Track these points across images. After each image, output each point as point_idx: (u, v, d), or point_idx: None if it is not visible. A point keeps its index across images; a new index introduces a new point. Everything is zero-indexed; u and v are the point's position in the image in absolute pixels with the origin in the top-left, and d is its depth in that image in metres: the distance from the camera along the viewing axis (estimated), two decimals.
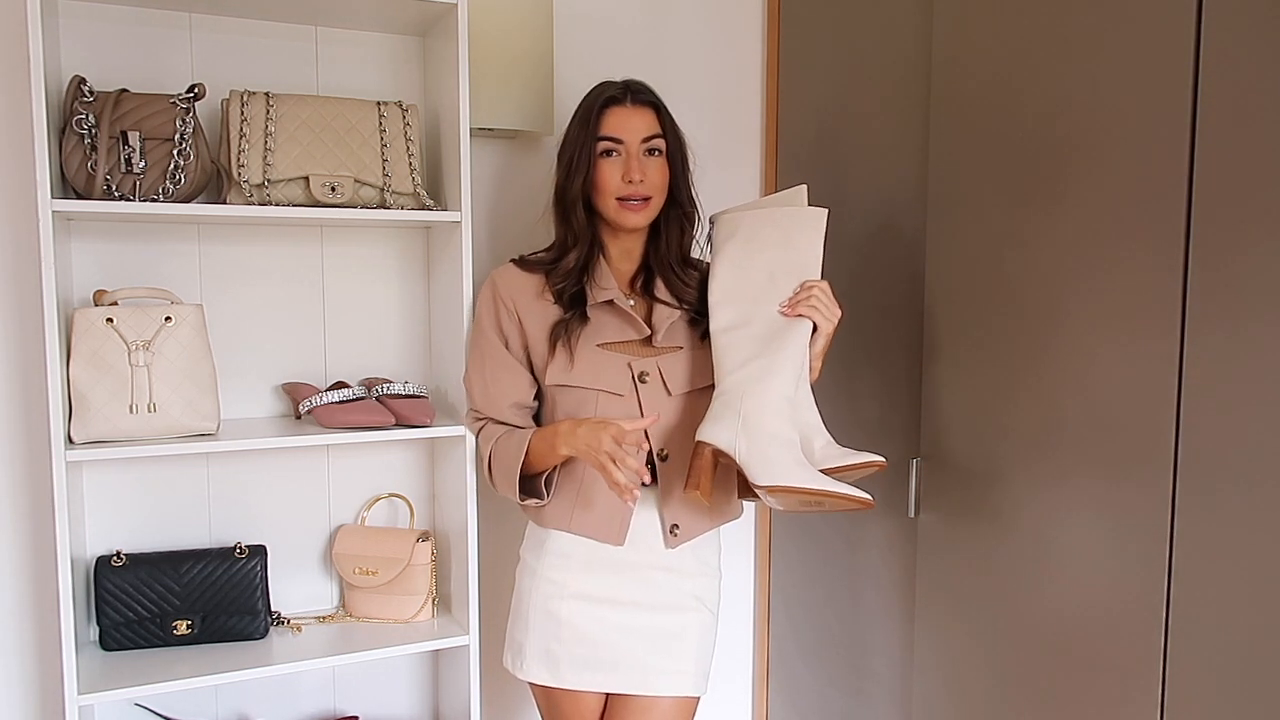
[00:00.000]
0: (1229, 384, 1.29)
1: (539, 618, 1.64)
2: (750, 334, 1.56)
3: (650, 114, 1.60)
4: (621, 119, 1.58)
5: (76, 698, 1.56)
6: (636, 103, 1.59)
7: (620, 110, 1.59)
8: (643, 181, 1.58)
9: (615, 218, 1.60)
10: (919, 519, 1.83)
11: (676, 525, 1.63)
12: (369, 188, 1.75)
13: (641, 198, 1.59)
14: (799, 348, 1.54)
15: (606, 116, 1.58)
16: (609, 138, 1.58)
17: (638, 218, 1.60)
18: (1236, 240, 1.27)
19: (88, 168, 1.58)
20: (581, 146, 1.59)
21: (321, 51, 1.89)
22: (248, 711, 1.93)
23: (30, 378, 1.74)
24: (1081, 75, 1.47)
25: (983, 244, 1.66)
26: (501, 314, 1.64)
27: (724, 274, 1.60)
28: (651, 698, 1.63)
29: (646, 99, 1.61)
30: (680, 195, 1.64)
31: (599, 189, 1.59)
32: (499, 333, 1.64)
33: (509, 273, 1.66)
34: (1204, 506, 1.33)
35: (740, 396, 1.52)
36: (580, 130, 1.60)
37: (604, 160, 1.58)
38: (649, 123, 1.59)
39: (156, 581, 1.72)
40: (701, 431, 1.53)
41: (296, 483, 1.94)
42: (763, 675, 2.37)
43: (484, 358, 1.65)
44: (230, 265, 1.85)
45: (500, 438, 1.63)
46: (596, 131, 1.58)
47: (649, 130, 1.59)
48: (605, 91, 1.60)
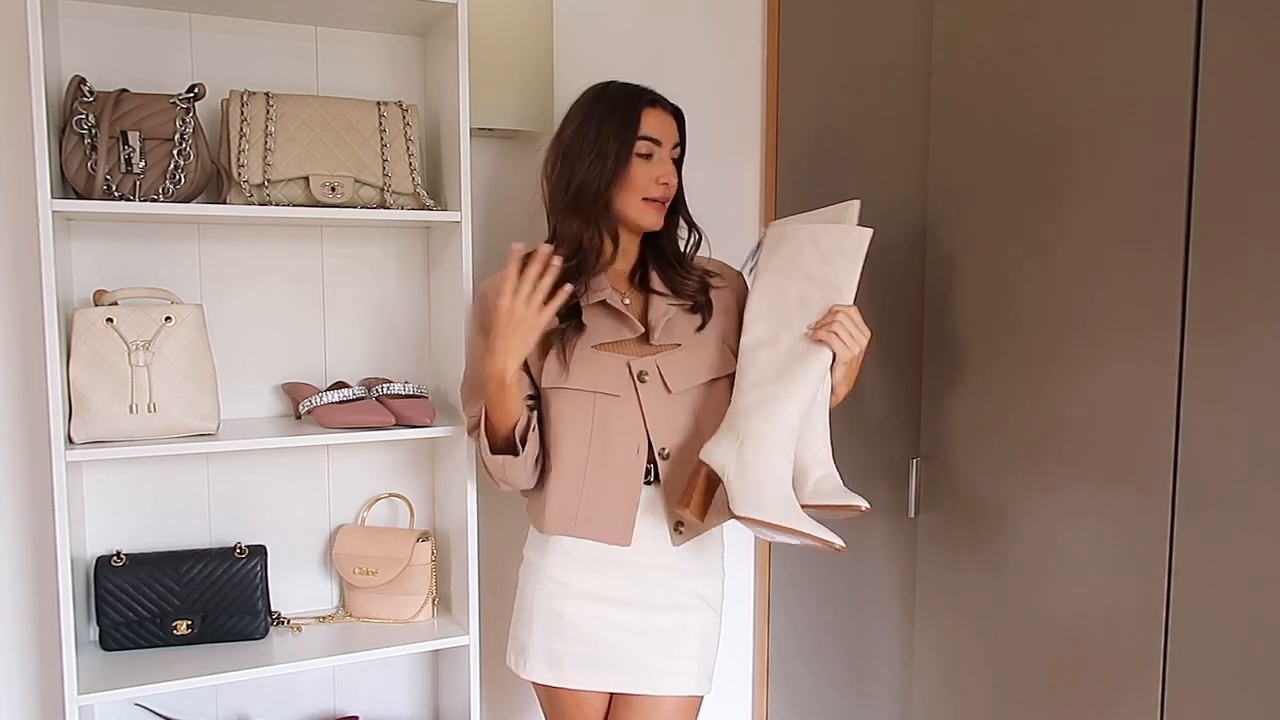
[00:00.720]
0: (1229, 386, 1.29)
1: (542, 617, 1.64)
2: (774, 354, 1.56)
3: (675, 120, 1.65)
4: (660, 121, 1.61)
5: (76, 698, 1.56)
6: (666, 108, 1.63)
7: (659, 113, 1.62)
8: (669, 184, 1.62)
9: (637, 216, 1.62)
10: (919, 519, 1.83)
11: (681, 522, 1.63)
12: (369, 188, 1.75)
13: (666, 199, 1.63)
14: (814, 376, 1.53)
15: (648, 117, 1.60)
16: (651, 138, 1.60)
17: (660, 218, 1.63)
18: (1237, 242, 1.27)
19: (88, 168, 1.58)
20: (622, 143, 1.58)
21: (321, 51, 1.89)
22: (248, 711, 1.94)
23: (30, 378, 1.74)
24: (1082, 75, 1.47)
25: (983, 243, 1.66)
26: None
27: (763, 288, 1.60)
28: (655, 697, 1.63)
29: (672, 106, 1.65)
30: (681, 201, 1.69)
31: (629, 186, 1.60)
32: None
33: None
34: (1204, 508, 1.33)
35: (745, 418, 1.52)
36: (618, 127, 1.59)
37: (641, 160, 1.60)
38: (676, 128, 1.64)
39: (156, 581, 1.72)
40: (704, 449, 1.55)
41: (296, 483, 1.94)
42: (763, 675, 2.37)
43: (479, 369, 1.65)
44: (230, 265, 1.85)
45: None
46: (639, 131, 1.59)
47: (678, 136, 1.64)
48: (639, 93, 1.61)
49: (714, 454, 1.53)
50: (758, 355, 1.57)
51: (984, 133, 1.65)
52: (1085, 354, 1.48)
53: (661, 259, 1.67)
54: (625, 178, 1.59)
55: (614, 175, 1.58)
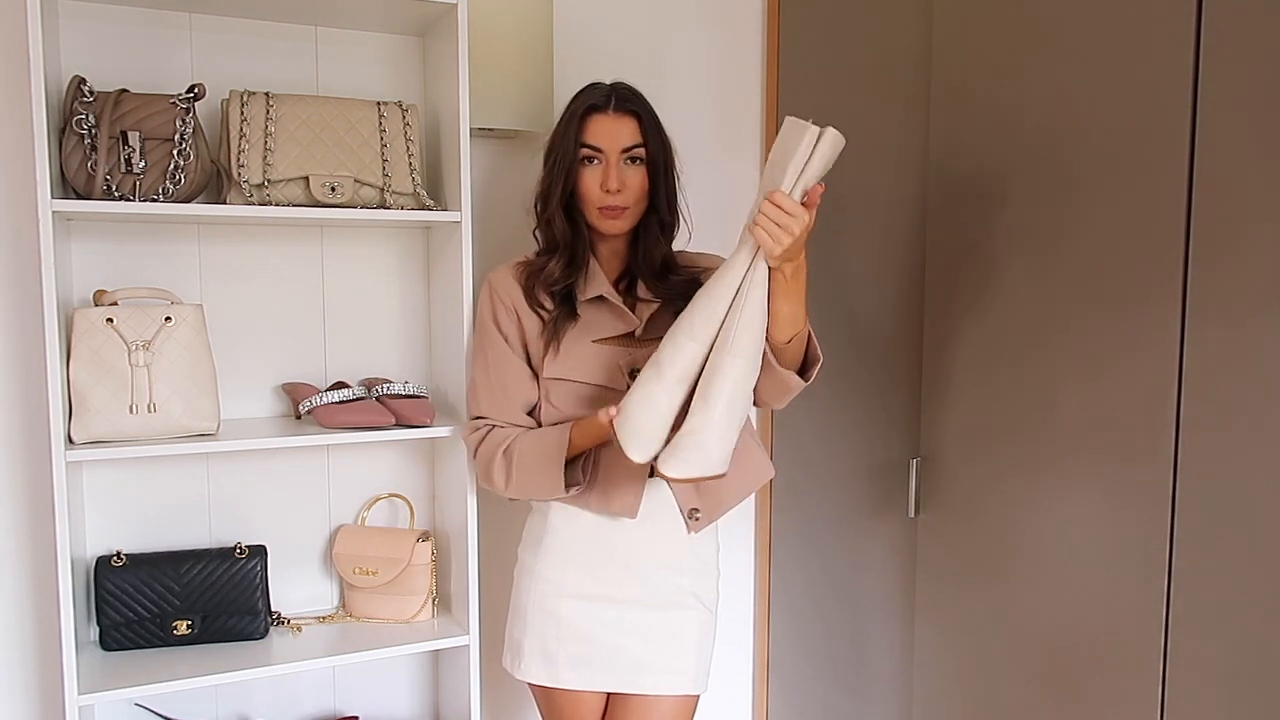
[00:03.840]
0: (1229, 383, 1.29)
1: (536, 616, 1.64)
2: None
3: (632, 122, 1.58)
4: (603, 127, 1.57)
5: (76, 698, 1.56)
6: (619, 110, 1.58)
7: (602, 118, 1.57)
8: (620, 191, 1.57)
9: (596, 224, 1.61)
10: (919, 519, 1.83)
11: (696, 509, 1.62)
12: (369, 188, 1.75)
13: (619, 206, 1.58)
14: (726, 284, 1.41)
15: (588, 124, 1.57)
16: (589, 145, 1.57)
17: (616, 224, 1.60)
18: (1236, 241, 1.27)
19: (88, 168, 1.58)
20: (563, 153, 1.58)
21: (321, 51, 1.89)
22: (248, 711, 1.93)
23: (30, 378, 1.74)
24: (1081, 75, 1.47)
25: (983, 242, 1.66)
26: (500, 312, 1.64)
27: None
28: (652, 697, 1.63)
29: (629, 107, 1.58)
30: (659, 203, 1.62)
31: (581, 195, 1.59)
32: (500, 333, 1.63)
33: (504, 274, 1.67)
34: (1204, 506, 1.33)
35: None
36: (564, 135, 1.59)
37: (585, 167, 1.58)
38: (630, 131, 1.58)
39: (156, 581, 1.72)
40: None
41: (296, 483, 1.94)
42: (763, 675, 2.37)
43: (490, 363, 1.64)
44: (230, 265, 1.85)
45: (519, 437, 1.59)
46: (578, 138, 1.57)
47: (630, 139, 1.58)
48: (589, 98, 1.59)
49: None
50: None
51: (983, 130, 1.65)
52: (1086, 352, 1.48)
53: (647, 261, 1.64)
54: (577, 186, 1.59)
55: (565, 183, 1.58)
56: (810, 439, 2.13)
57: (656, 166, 1.60)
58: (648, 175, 1.60)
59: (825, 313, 1.97)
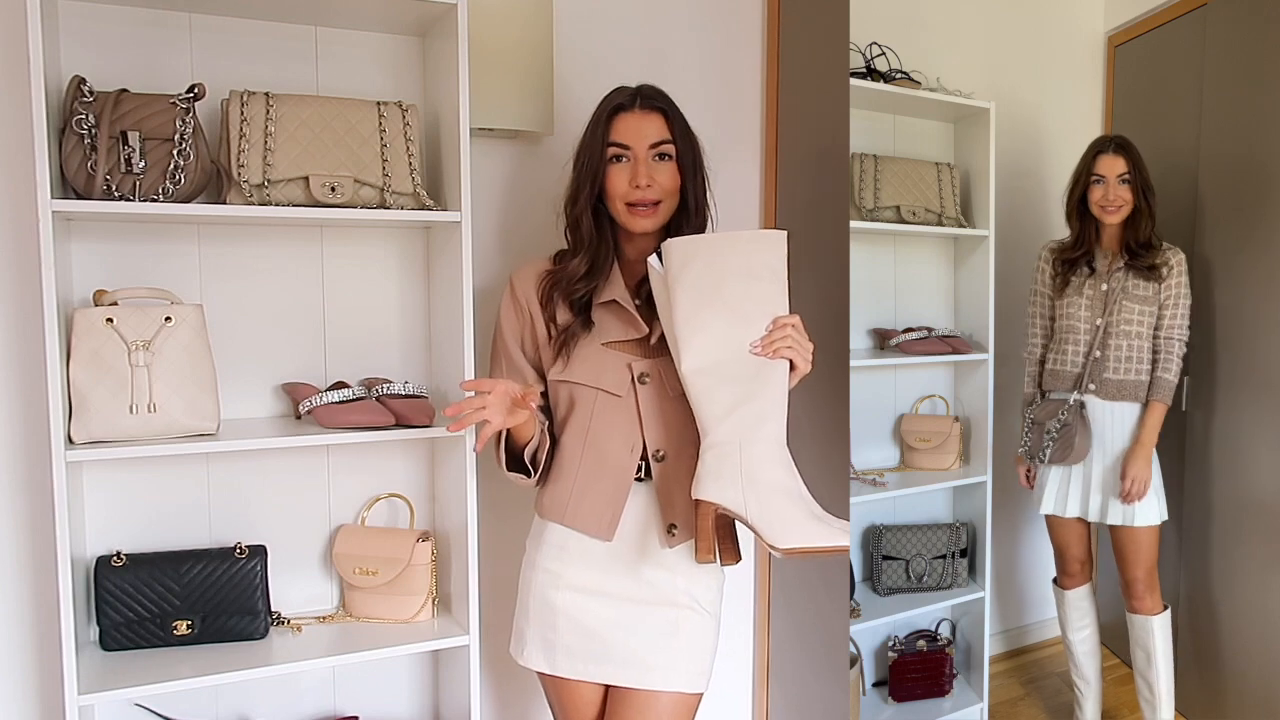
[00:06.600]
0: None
1: (537, 606, 1.67)
2: (727, 375, 1.48)
3: (659, 119, 1.61)
4: (629, 124, 1.60)
5: (76, 698, 1.56)
6: (645, 108, 1.61)
7: (628, 116, 1.61)
8: (650, 186, 1.59)
9: (625, 222, 1.62)
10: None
11: (674, 525, 1.63)
12: (369, 188, 1.75)
13: (650, 202, 1.60)
14: (782, 390, 1.48)
15: (615, 123, 1.61)
16: (616, 143, 1.60)
17: (646, 222, 1.61)
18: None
19: (88, 168, 1.58)
20: (591, 153, 1.61)
21: (321, 51, 1.89)
22: (248, 711, 1.93)
23: (30, 378, 1.74)
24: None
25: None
26: (518, 315, 1.68)
27: (686, 304, 1.50)
28: (650, 692, 1.64)
29: (655, 104, 1.62)
30: (689, 199, 1.64)
31: (609, 194, 1.61)
32: (517, 339, 1.69)
33: (526, 271, 1.70)
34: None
35: (738, 448, 1.45)
36: (591, 136, 1.63)
37: (613, 166, 1.61)
38: (658, 128, 1.61)
39: (156, 582, 1.72)
40: (702, 489, 1.47)
41: (296, 483, 1.94)
42: (763, 675, 2.37)
43: (505, 374, 1.69)
44: (230, 265, 1.85)
45: None
46: (605, 138, 1.60)
47: (658, 135, 1.60)
48: (614, 99, 1.63)
49: (724, 495, 1.45)
50: (710, 380, 1.49)
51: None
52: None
53: None
54: (605, 186, 1.61)
55: (593, 184, 1.61)
56: (810, 440, 2.12)
57: (685, 163, 1.62)
58: (678, 172, 1.62)
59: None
